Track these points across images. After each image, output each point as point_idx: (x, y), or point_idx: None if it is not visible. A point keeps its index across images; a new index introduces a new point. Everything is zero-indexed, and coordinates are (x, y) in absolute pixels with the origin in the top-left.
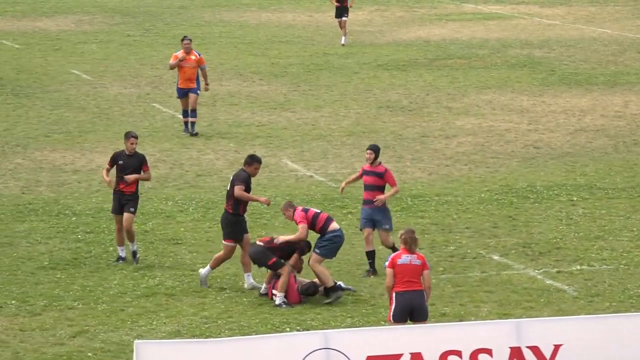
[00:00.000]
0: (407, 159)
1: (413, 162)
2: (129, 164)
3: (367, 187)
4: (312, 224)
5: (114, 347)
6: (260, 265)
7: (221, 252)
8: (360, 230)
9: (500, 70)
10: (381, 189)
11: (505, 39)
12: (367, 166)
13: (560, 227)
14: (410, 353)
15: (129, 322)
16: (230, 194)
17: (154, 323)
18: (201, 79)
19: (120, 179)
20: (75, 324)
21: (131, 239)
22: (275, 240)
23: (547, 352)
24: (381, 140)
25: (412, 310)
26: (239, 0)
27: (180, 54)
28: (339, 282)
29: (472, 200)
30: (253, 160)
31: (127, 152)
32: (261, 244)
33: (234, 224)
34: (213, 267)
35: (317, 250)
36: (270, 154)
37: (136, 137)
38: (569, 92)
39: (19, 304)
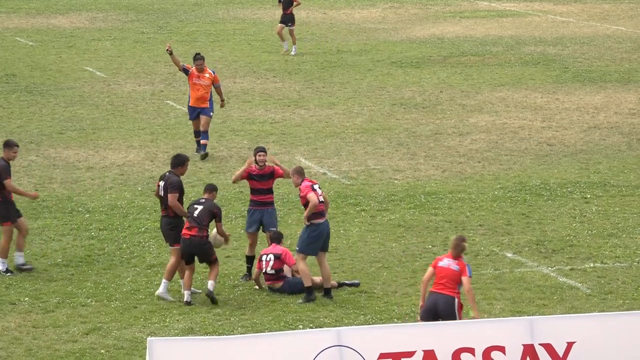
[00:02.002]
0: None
1: (426, 160)
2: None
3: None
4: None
5: (127, 344)
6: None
7: (173, 260)
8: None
9: (513, 68)
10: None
11: (519, 37)
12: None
13: (574, 225)
14: (423, 350)
15: (142, 319)
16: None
17: (167, 320)
18: (215, 96)
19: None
20: (89, 320)
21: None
22: None
23: (560, 350)
24: (394, 137)
25: (437, 313)
26: None
27: (193, 70)
28: (342, 281)
29: (486, 198)
30: (184, 161)
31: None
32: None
33: (177, 227)
34: (169, 279)
35: (298, 248)
36: (283, 151)
37: (18, 146)
38: (582, 89)
39: (32, 300)
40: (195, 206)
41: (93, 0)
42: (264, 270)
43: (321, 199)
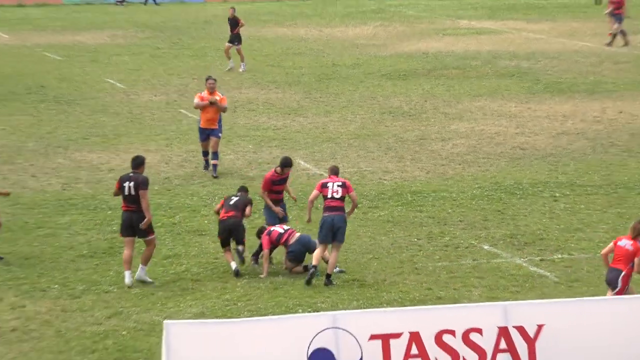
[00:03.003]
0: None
1: (412, 162)
2: None
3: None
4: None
5: (145, 327)
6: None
7: (151, 247)
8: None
9: (491, 80)
10: None
11: (496, 52)
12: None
13: (544, 220)
14: (410, 332)
15: (158, 305)
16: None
17: (181, 305)
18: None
19: None
20: (111, 305)
21: None
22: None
23: (531, 331)
24: (384, 142)
25: (607, 282)
26: (258, 16)
27: (204, 94)
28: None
29: (465, 196)
30: (143, 161)
31: None
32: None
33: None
34: (145, 264)
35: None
36: (284, 154)
37: None
38: (552, 99)
39: (61, 288)
40: (232, 197)
41: (113, 19)
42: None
43: (331, 195)
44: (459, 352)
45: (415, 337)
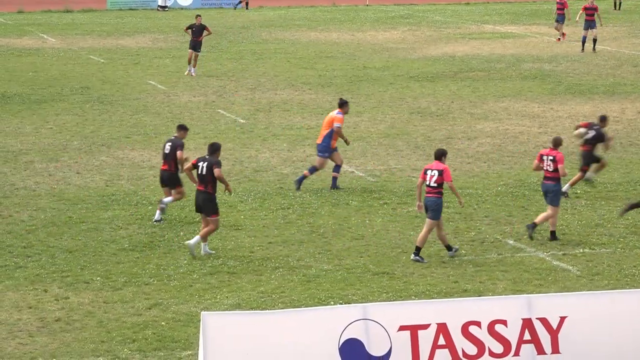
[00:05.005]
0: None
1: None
2: None
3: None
4: None
5: (183, 318)
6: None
7: (212, 227)
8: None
9: (514, 82)
10: None
11: (519, 55)
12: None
13: (566, 216)
14: (437, 323)
15: (196, 296)
16: (209, 176)
17: (218, 297)
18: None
19: None
20: (151, 297)
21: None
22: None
23: (554, 323)
24: (412, 141)
25: None
26: (292, 21)
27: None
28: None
29: (490, 193)
30: (219, 148)
31: None
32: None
33: (214, 200)
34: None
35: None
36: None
37: None
38: (573, 100)
39: (103, 280)
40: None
41: (155, 24)
42: (427, 183)
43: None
44: (484, 343)
45: (442, 328)
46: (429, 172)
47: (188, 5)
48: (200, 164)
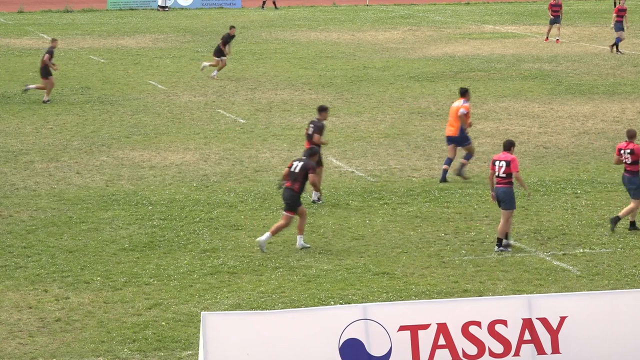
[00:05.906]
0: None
1: (440, 160)
2: None
3: None
4: None
5: (183, 318)
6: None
7: (282, 222)
8: None
9: (514, 82)
10: None
11: (520, 55)
12: None
13: (566, 216)
14: (437, 323)
15: (196, 296)
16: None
17: (218, 297)
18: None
19: None
20: (151, 297)
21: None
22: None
23: (554, 323)
24: (412, 141)
25: None
26: (292, 21)
27: None
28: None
29: (491, 193)
30: (316, 152)
31: None
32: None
33: (297, 199)
34: (274, 234)
35: None
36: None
37: None
38: (573, 100)
39: (103, 280)
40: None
41: (155, 24)
42: (496, 174)
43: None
44: (484, 343)
45: (442, 328)
46: (497, 163)
47: (188, 5)
48: (295, 163)
